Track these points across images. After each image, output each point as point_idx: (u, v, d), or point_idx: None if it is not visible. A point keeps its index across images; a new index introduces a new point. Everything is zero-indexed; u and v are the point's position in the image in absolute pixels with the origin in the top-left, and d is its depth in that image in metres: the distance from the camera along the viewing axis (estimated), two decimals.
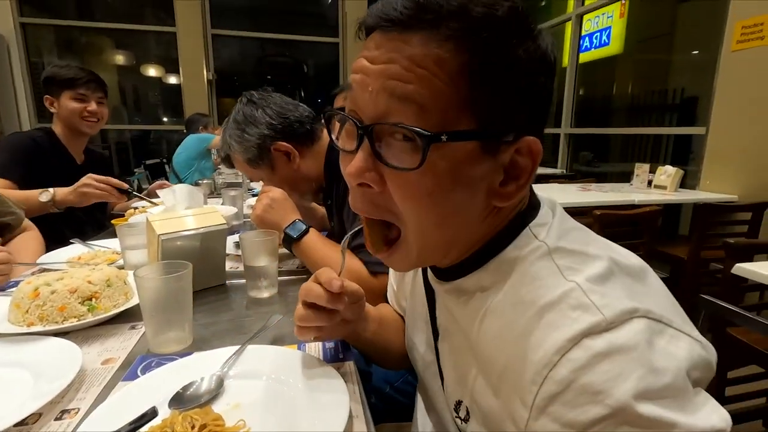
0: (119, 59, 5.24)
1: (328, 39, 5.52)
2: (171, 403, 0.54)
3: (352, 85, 0.41)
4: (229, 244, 1.16)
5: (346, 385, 0.56)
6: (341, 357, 0.67)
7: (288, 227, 1.00)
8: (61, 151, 1.63)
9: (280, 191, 1.07)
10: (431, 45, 0.36)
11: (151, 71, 5.34)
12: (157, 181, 2.14)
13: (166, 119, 5.53)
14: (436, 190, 0.39)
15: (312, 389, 0.56)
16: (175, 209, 1.28)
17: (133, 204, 1.73)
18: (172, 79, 5.27)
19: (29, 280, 0.78)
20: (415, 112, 0.37)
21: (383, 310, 0.75)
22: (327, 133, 0.48)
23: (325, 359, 0.65)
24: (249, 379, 0.60)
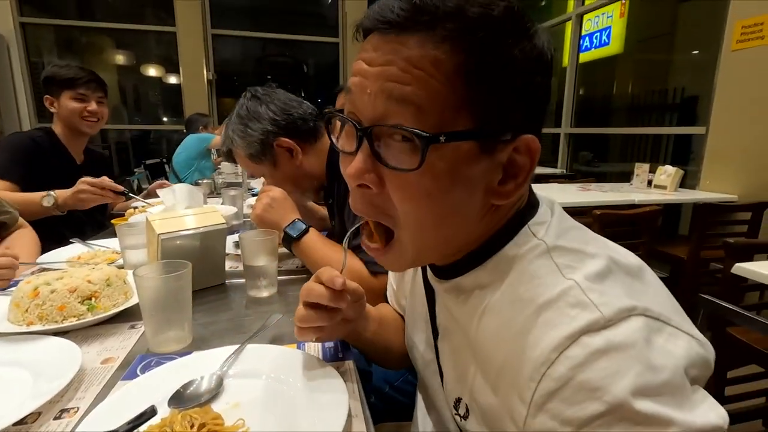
0: (119, 59, 5.25)
1: (328, 39, 5.53)
2: (170, 402, 0.54)
3: (350, 88, 0.41)
4: (229, 244, 1.16)
5: (346, 385, 0.56)
6: (341, 356, 0.67)
7: (288, 227, 1.00)
8: (61, 151, 1.63)
9: (280, 191, 1.07)
10: (428, 46, 0.36)
11: (151, 71, 5.34)
12: (156, 181, 2.14)
13: (166, 119, 5.53)
14: (435, 190, 0.39)
15: (311, 388, 0.56)
16: (174, 209, 1.28)
17: (133, 204, 1.73)
18: (172, 79, 5.27)
19: (29, 280, 0.78)
20: (413, 114, 0.37)
21: (383, 309, 0.75)
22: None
23: (325, 358, 0.65)
24: (248, 379, 0.60)
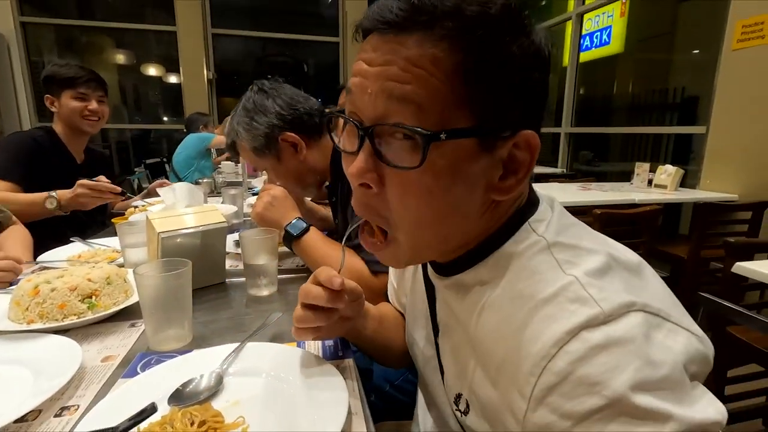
0: (120, 58, 5.25)
1: (328, 38, 5.53)
2: (170, 400, 0.54)
3: (351, 88, 0.42)
4: (229, 243, 1.16)
5: (346, 383, 0.56)
6: (341, 354, 0.67)
7: (288, 225, 1.00)
8: (62, 150, 1.63)
9: (281, 189, 1.07)
10: (427, 45, 0.37)
11: (152, 70, 5.34)
12: (157, 180, 2.14)
13: (166, 118, 5.53)
14: (437, 188, 0.39)
15: (311, 386, 0.56)
16: (174, 207, 1.28)
17: (134, 203, 1.73)
18: (172, 79, 5.27)
19: (29, 278, 0.78)
20: (414, 112, 0.37)
21: (384, 308, 0.75)
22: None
23: (325, 357, 0.65)
24: (248, 377, 0.60)
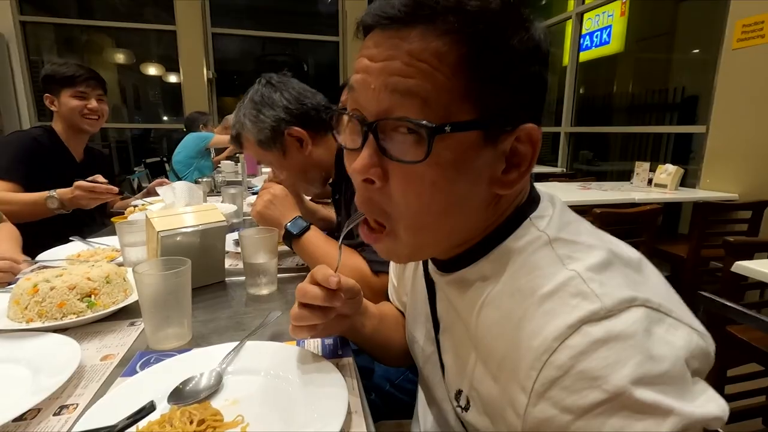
0: (119, 58, 5.24)
1: (328, 38, 5.52)
2: (170, 399, 0.54)
3: (353, 86, 0.42)
4: (229, 242, 1.16)
5: (345, 381, 0.56)
6: (340, 353, 0.67)
7: (289, 223, 1.00)
8: (62, 149, 1.63)
9: (282, 188, 1.07)
10: (430, 39, 0.37)
11: (151, 70, 5.34)
12: (156, 180, 2.14)
13: (166, 118, 5.53)
14: (442, 180, 0.39)
15: (310, 385, 0.56)
16: (174, 206, 1.28)
17: (133, 202, 1.73)
18: (172, 78, 5.27)
19: (28, 277, 0.78)
20: (418, 106, 0.37)
21: (384, 307, 0.75)
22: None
23: (324, 355, 0.65)
24: (248, 375, 0.60)
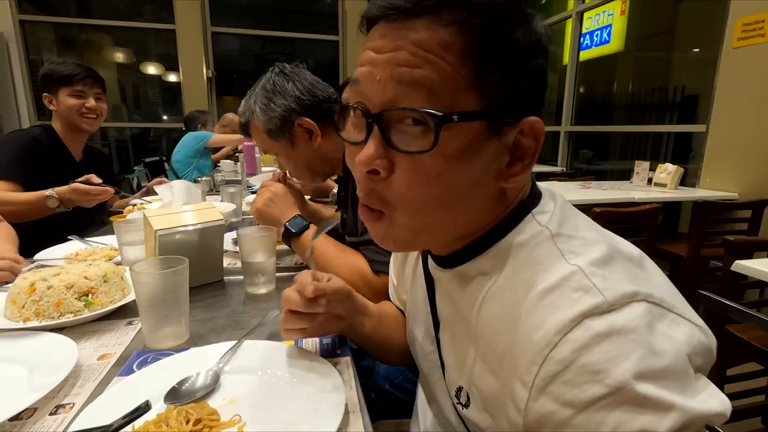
0: (119, 57, 5.24)
1: (328, 37, 5.51)
2: (166, 398, 0.53)
3: (357, 79, 0.41)
4: (228, 241, 1.16)
5: (343, 381, 0.56)
6: (338, 352, 0.67)
7: (288, 222, 1.00)
8: (61, 148, 1.63)
9: (282, 186, 1.07)
10: (436, 29, 0.37)
11: (151, 69, 5.34)
12: (155, 179, 2.14)
13: (165, 117, 5.53)
14: (448, 170, 0.39)
15: (308, 384, 0.56)
16: (172, 205, 1.28)
17: (132, 201, 1.73)
18: (171, 77, 5.26)
19: (25, 276, 0.77)
20: (425, 96, 0.37)
21: (384, 306, 0.75)
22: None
23: (322, 354, 0.65)
24: (245, 375, 0.60)
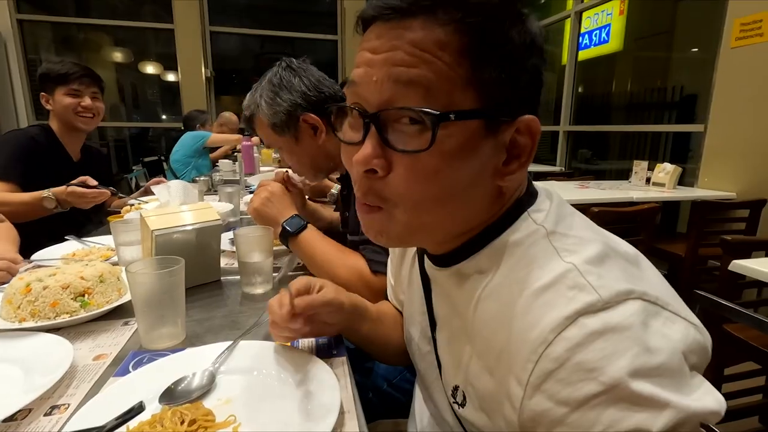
0: (117, 56, 5.23)
1: (326, 36, 5.51)
2: (161, 399, 0.53)
3: (354, 80, 0.42)
4: (225, 241, 1.16)
5: (338, 381, 0.56)
6: (334, 353, 0.66)
7: (286, 222, 0.99)
8: (58, 148, 1.62)
9: (280, 186, 1.06)
10: (432, 29, 0.37)
11: (150, 68, 5.33)
12: (153, 179, 2.14)
13: (164, 116, 5.52)
14: (445, 168, 0.39)
15: (303, 384, 0.56)
16: (169, 205, 1.27)
17: (130, 200, 1.73)
18: (170, 76, 5.25)
19: (21, 276, 0.77)
20: (422, 95, 0.37)
21: (383, 306, 0.75)
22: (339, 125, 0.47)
23: (318, 354, 0.65)
24: (240, 375, 0.59)
